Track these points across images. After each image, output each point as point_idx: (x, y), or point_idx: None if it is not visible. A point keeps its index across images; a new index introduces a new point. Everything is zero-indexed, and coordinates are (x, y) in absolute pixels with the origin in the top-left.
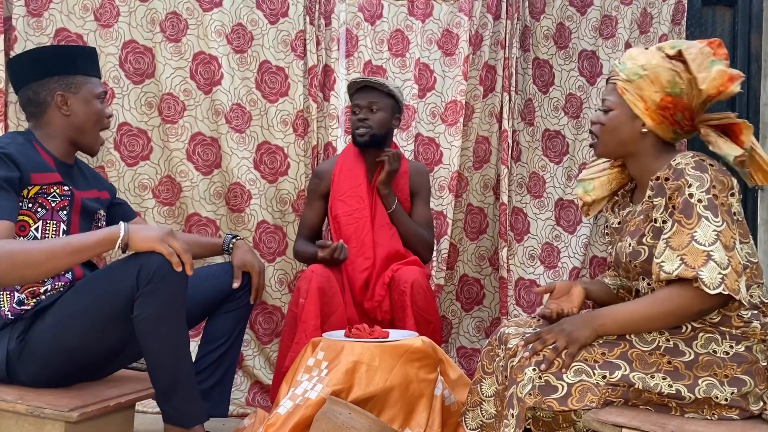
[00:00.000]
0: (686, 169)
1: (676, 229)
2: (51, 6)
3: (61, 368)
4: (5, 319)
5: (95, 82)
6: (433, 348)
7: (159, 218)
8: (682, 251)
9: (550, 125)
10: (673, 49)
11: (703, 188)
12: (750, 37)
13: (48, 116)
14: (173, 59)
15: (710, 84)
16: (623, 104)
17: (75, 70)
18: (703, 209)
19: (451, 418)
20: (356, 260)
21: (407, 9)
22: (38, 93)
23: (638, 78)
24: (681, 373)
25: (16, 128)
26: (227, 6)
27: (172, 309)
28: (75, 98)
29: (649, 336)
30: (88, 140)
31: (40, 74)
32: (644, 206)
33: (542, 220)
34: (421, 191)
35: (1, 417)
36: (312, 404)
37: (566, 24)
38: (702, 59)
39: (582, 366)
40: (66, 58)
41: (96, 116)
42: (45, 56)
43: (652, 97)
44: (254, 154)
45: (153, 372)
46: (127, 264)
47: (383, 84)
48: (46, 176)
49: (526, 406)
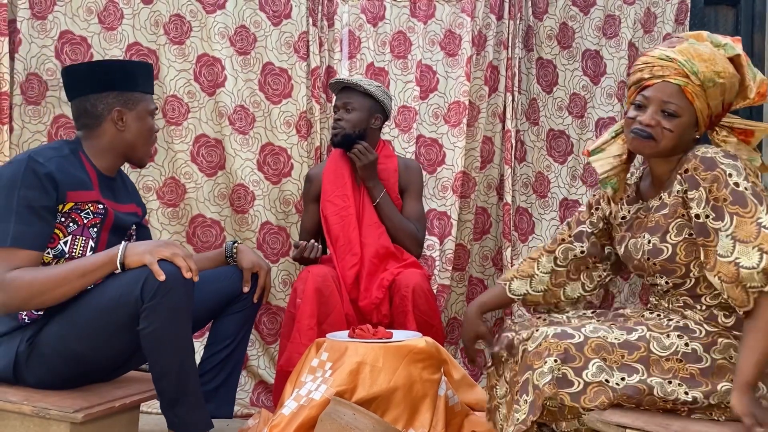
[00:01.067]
0: (717, 157)
1: (737, 222)
2: (55, 9)
3: (67, 373)
4: (21, 322)
5: (149, 99)
6: (437, 348)
7: (163, 219)
8: (757, 241)
9: (554, 125)
10: (733, 50)
11: (741, 176)
12: (753, 36)
13: (102, 129)
14: (177, 61)
15: (756, 92)
16: (691, 110)
17: (134, 86)
18: (752, 197)
19: (454, 419)
20: (344, 257)
21: (409, 10)
22: (96, 106)
23: (713, 86)
24: (698, 380)
25: (21, 131)
26: (230, 8)
27: (177, 322)
28: (131, 114)
29: (668, 340)
30: (139, 155)
31: (100, 87)
32: (671, 201)
33: (547, 220)
34: (411, 186)
35: (7, 418)
36: (316, 405)
37: (569, 24)
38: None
39: (602, 365)
40: (126, 74)
41: (148, 133)
42: (105, 69)
43: (716, 106)
44: (258, 155)
45: (158, 382)
46: (132, 276)
47: (357, 84)
48: (83, 194)
49: (544, 395)
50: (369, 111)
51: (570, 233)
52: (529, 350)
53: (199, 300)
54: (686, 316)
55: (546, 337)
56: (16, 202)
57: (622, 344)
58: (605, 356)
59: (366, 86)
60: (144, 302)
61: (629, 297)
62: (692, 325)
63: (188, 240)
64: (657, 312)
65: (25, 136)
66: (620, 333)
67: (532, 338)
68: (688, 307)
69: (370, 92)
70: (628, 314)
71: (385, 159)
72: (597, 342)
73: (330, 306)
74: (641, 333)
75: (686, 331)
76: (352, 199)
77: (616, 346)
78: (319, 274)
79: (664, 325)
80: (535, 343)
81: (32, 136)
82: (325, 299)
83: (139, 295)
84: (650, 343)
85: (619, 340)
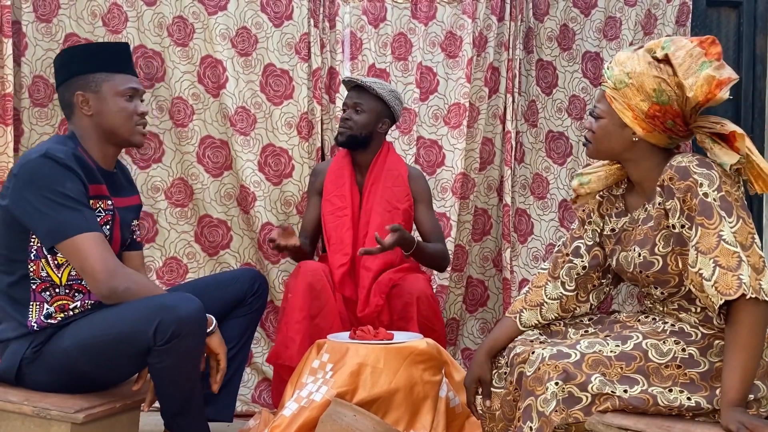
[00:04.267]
0: (690, 167)
1: (701, 233)
2: (60, 12)
3: (68, 384)
4: (30, 329)
5: (120, 79)
6: (438, 350)
7: (172, 219)
8: (713, 254)
9: (553, 127)
10: (662, 50)
11: (713, 186)
12: (755, 38)
13: (76, 117)
14: (182, 63)
15: (698, 91)
16: (612, 113)
17: (96, 68)
18: (719, 209)
19: (455, 420)
20: (335, 256)
21: (410, 12)
22: (64, 94)
23: (624, 86)
24: (697, 385)
25: (29, 132)
26: (232, 9)
27: (188, 361)
28: (95, 97)
29: (665, 346)
30: (123, 136)
31: (66, 75)
32: (655, 213)
33: (546, 222)
34: (422, 196)
35: (8, 418)
36: (317, 406)
37: (570, 25)
38: (690, 63)
39: (603, 379)
40: (87, 56)
41: (122, 113)
42: (69, 57)
43: (639, 106)
44: (259, 156)
45: (162, 399)
46: (147, 313)
47: (370, 86)
48: (98, 188)
49: (552, 424)
50: (378, 115)
51: (567, 251)
52: (528, 374)
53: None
54: (681, 320)
55: (543, 360)
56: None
57: (618, 356)
58: (604, 371)
59: (379, 90)
60: (156, 343)
61: (627, 298)
62: (687, 328)
63: (196, 239)
64: (652, 315)
65: (33, 138)
66: (615, 345)
67: (529, 362)
68: (682, 310)
69: (383, 97)
70: (623, 319)
71: (395, 164)
72: (594, 357)
73: (322, 300)
74: (637, 341)
75: (682, 335)
76: (350, 200)
77: (613, 360)
78: (310, 270)
79: (659, 331)
80: (533, 367)
81: (40, 138)
82: (316, 293)
83: (151, 336)
84: (648, 352)
85: (615, 352)
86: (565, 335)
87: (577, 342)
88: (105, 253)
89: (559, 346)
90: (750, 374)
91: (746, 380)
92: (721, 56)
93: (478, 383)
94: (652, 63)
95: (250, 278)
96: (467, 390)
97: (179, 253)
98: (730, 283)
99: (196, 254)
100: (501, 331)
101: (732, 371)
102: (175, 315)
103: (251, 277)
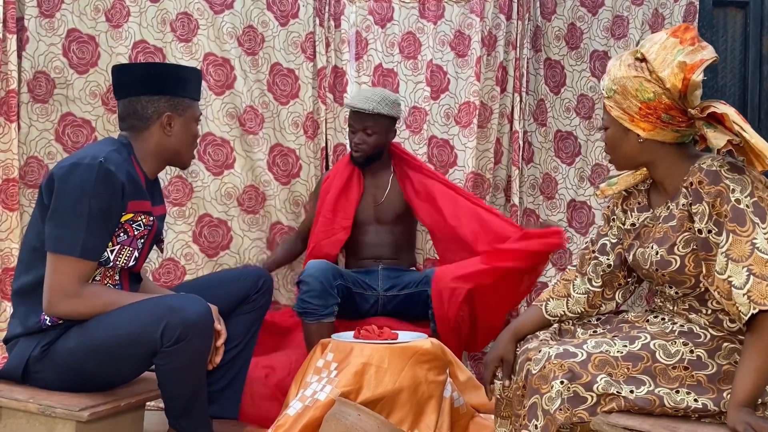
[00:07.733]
0: (721, 171)
1: (732, 240)
2: (63, 7)
3: (73, 384)
4: (42, 324)
5: (197, 106)
6: (442, 350)
7: (169, 219)
8: (747, 261)
9: (562, 126)
10: (640, 50)
11: (746, 192)
12: (762, 38)
13: (149, 132)
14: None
15: (674, 80)
16: (614, 121)
17: (185, 92)
18: (752, 216)
19: (459, 420)
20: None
21: (418, 11)
22: (146, 108)
23: (613, 93)
24: (705, 387)
25: (28, 129)
26: (238, 8)
27: (194, 363)
28: (179, 120)
29: (673, 347)
30: (183, 159)
31: (152, 90)
32: (678, 213)
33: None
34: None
35: (13, 416)
36: (321, 405)
37: (577, 24)
38: (665, 54)
39: (609, 380)
40: (178, 79)
41: (192, 138)
42: (160, 73)
43: (631, 108)
44: (268, 156)
45: (167, 399)
46: (154, 315)
47: (373, 110)
48: (140, 204)
49: (557, 422)
50: (387, 129)
51: (594, 248)
52: (533, 372)
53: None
54: (691, 320)
55: (549, 359)
56: (87, 210)
57: (625, 357)
58: (610, 371)
59: (382, 110)
60: (163, 345)
61: (636, 300)
62: (697, 329)
63: (194, 240)
64: (661, 315)
65: (32, 134)
66: (623, 345)
67: (535, 360)
68: (693, 310)
69: (386, 114)
70: (632, 319)
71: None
72: (600, 357)
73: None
74: (644, 341)
75: (691, 336)
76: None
77: (620, 360)
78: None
79: (667, 331)
80: (539, 365)
81: (39, 134)
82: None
83: (158, 339)
84: (655, 352)
85: (622, 352)
86: (574, 335)
87: (584, 341)
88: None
89: (565, 345)
90: (764, 379)
91: (759, 384)
92: (695, 41)
93: (499, 362)
94: (632, 65)
95: (255, 275)
96: (486, 367)
97: (176, 254)
98: (765, 293)
99: (194, 255)
100: (527, 317)
101: (747, 373)
102: (181, 317)
103: (256, 274)
